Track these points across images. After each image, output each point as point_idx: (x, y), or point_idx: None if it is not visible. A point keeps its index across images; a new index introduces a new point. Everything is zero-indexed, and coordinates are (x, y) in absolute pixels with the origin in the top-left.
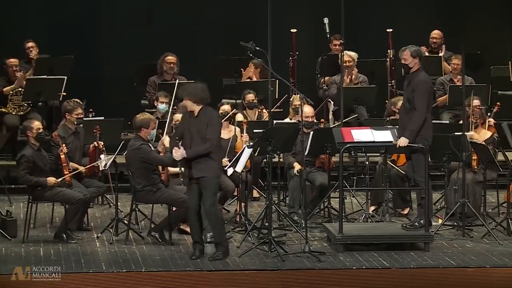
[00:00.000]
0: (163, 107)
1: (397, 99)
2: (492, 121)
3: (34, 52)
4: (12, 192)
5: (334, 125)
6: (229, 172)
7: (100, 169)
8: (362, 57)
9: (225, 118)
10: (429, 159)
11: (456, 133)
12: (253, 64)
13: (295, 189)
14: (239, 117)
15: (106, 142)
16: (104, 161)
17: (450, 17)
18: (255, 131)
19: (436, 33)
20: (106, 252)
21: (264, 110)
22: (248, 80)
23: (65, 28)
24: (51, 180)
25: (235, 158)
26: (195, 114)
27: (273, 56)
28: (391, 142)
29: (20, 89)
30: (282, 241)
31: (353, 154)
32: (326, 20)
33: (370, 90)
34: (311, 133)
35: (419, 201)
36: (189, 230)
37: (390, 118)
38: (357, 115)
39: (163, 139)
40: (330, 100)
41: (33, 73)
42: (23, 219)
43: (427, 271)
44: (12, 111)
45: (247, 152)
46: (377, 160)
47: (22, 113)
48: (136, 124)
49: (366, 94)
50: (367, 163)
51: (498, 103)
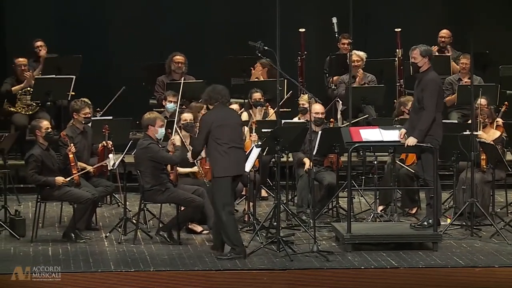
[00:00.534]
0: (171, 106)
1: (407, 99)
2: (500, 121)
3: (43, 51)
4: (20, 191)
5: (344, 125)
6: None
7: (109, 168)
8: (370, 56)
9: None
10: (438, 159)
11: (464, 133)
12: (260, 63)
13: (303, 189)
14: (244, 116)
15: (114, 141)
16: (112, 161)
17: (459, 16)
18: (263, 130)
19: (444, 33)
20: (115, 252)
21: (269, 108)
22: (256, 80)
23: (73, 27)
24: (59, 179)
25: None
26: None
27: (281, 55)
28: (400, 141)
29: (29, 88)
30: (291, 241)
31: (361, 154)
32: (334, 20)
33: (379, 90)
34: (319, 132)
35: (428, 201)
36: (197, 229)
37: (399, 117)
38: (367, 115)
39: (172, 138)
40: (339, 99)
41: (41, 72)
42: (31, 218)
43: (436, 270)
44: (20, 111)
45: (256, 152)
46: (386, 159)
47: (30, 113)
48: (143, 123)
49: (375, 93)
50: (375, 162)
51: (506, 103)
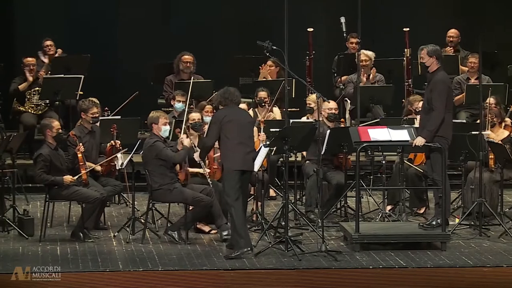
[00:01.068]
0: (180, 106)
1: (414, 99)
2: (509, 121)
3: (52, 50)
4: (29, 191)
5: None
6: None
7: (117, 168)
8: (379, 56)
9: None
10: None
11: (473, 132)
12: (272, 62)
13: (312, 188)
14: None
15: (123, 141)
16: (120, 160)
17: (467, 16)
18: (271, 130)
19: (452, 32)
20: (123, 251)
21: (271, 107)
22: (264, 79)
23: (82, 27)
24: (68, 178)
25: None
26: None
27: (289, 55)
28: (408, 141)
29: (37, 88)
30: (299, 240)
31: (369, 153)
32: (342, 19)
33: (387, 89)
34: (328, 132)
35: (436, 201)
36: (205, 229)
37: (407, 117)
38: (378, 119)
39: (181, 137)
40: (347, 99)
41: (47, 72)
42: (40, 218)
43: (444, 270)
44: (29, 110)
45: (264, 151)
46: (394, 159)
47: (39, 112)
48: (148, 121)
49: (383, 93)
50: (383, 162)
51: None
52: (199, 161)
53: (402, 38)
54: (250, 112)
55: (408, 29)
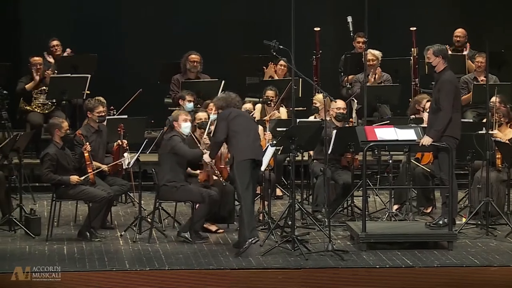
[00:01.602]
0: (190, 106)
1: (421, 97)
2: None
3: (58, 50)
4: (36, 190)
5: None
6: (263, 167)
7: (124, 167)
8: (385, 55)
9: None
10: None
11: (480, 132)
12: (283, 61)
13: (319, 188)
14: (257, 108)
15: (129, 140)
16: (127, 160)
17: (474, 15)
18: (278, 129)
19: (459, 32)
20: (130, 250)
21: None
22: (271, 79)
23: (88, 26)
24: (74, 178)
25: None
26: None
27: (296, 54)
28: (415, 140)
29: (44, 87)
30: (305, 240)
31: (376, 153)
32: (349, 18)
33: (394, 89)
34: (334, 131)
35: (443, 200)
36: (212, 228)
37: (414, 116)
38: (388, 121)
39: (204, 137)
40: (354, 98)
41: (54, 71)
42: (46, 217)
43: (451, 270)
44: (36, 110)
45: (270, 151)
46: (401, 158)
47: (46, 112)
48: (171, 120)
49: (390, 92)
50: (390, 161)
51: None
52: (209, 162)
53: (409, 37)
54: (258, 107)
55: (415, 28)
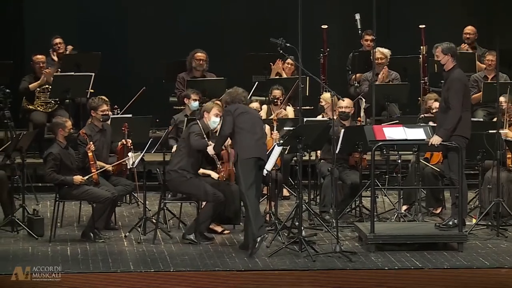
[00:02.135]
0: (196, 104)
1: (428, 97)
2: None
3: (62, 48)
4: (38, 190)
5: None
6: (264, 173)
7: (128, 167)
8: (394, 53)
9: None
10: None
11: (490, 131)
12: (289, 59)
13: (327, 188)
14: (264, 108)
15: (134, 140)
16: (132, 159)
17: (485, 12)
18: (285, 128)
19: (469, 29)
20: (134, 252)
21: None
22: (278, 77)
23: (92, 24)
24: (78, 178)
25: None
26: None
27: (303, 52)
28: (424, 140)
29: (47, 86)
30: (313, 241)
31: (385, 152)
32: (357, 16)
33: (403, 88)
34: (342, 131)
35: (453, 200)
36: (217, 229)
37: (423, 115)
38: (397, 121)
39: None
40: (362, 97)
41: (57, 70)
42: (50, 218)
43: (461, 271)
44: (39, 108)
45: (277, 150)
46: (410, 158)
47: (49, 111)
48: (202, 109)
49: (398, 91)
50: (399, 161)
51: None
52: (212, 155)
53: (418, 35)
54: (264, 108)
55: (424, 26)
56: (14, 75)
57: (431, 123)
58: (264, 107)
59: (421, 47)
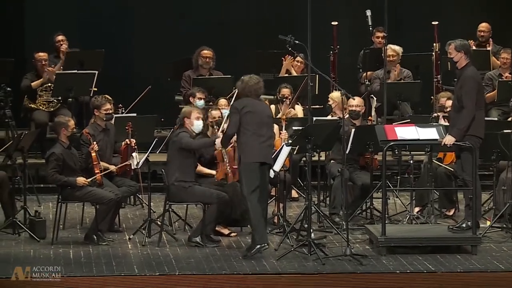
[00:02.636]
0: (201, 103)
1: (441, 95)
2: None
3: (64, 45)
4: (40, 191)
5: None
6: (272, 174)
7: (132, 168)
8: (406, 50)
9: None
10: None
11: (505, 131)
12: (299, 57)
13: (337, 189)
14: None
15: (138, 139)
16: (136, 160)
17: (499, 9)
18: (294, 128)
19: (483, 26)
20: (138, 254)
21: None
22: (287, 76)
23: (95, 22)
24: (81, 180)
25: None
26: None
27: (313, 50)
28: (437, 140)
29: (50, 84)
30: (322, 244)
31: (396, 153)
32: (368, 12)
33: (415, 86)
34: (353, 130)
35: (467, 202)
36: (224, 231)
37: (436, 114)
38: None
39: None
40: (373, 96)
41: (61, 67)
42: (52, 219)
43: (475, 275)
44: (41, 107)
45: (286, 150)
46: (422, 158)
47: (51, 110)
48: (180, 116)
49: (411, 89)
50: (411, 162)
51: None
52: (220, 148)
53: (431, 32)
54: (272, 108)
55: (437, 22)
56: (15, 74)
57: (441, 121)
58: (272, 106)
59: (434, 44)
